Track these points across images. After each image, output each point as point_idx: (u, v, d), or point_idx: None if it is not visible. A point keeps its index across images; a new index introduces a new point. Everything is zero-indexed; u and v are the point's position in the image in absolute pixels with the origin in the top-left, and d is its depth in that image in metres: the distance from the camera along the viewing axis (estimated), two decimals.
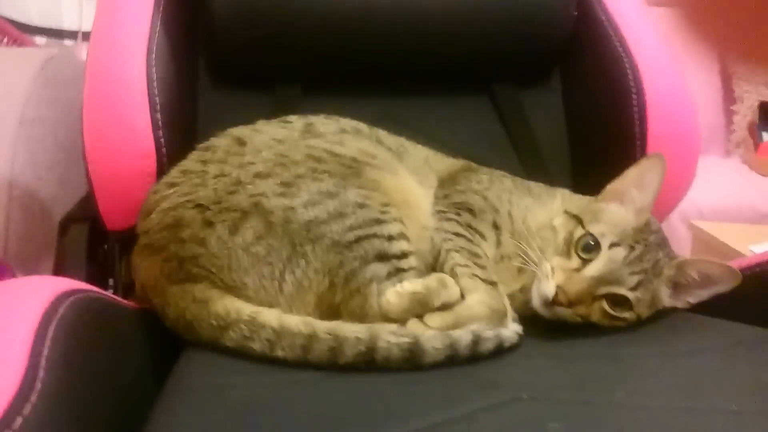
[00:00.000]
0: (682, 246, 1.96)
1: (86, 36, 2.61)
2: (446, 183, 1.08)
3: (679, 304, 0.97)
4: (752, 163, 2.33)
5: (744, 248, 1.68)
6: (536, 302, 0.93)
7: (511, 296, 0.97)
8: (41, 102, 1.32)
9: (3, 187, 1.24)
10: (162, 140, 1.04)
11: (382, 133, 1.12)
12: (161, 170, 1.03)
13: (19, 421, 0.50)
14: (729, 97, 2.55)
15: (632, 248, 0.91)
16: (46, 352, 0.57)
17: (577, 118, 1.36)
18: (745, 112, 2.46)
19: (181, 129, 1.15)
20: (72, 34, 2.65)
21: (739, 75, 2.50)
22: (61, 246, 1.22)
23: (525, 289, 0.98)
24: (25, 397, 0.52)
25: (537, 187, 1.11)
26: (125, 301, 0.89)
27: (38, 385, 0.54)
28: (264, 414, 0.66)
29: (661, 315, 0.96)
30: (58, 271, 1.22)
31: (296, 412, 0.66)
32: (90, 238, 1.24)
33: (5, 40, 2.10)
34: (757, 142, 2.33)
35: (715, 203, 2.04)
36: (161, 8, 1.14)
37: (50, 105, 1.34)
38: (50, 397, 0.54)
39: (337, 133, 1.06)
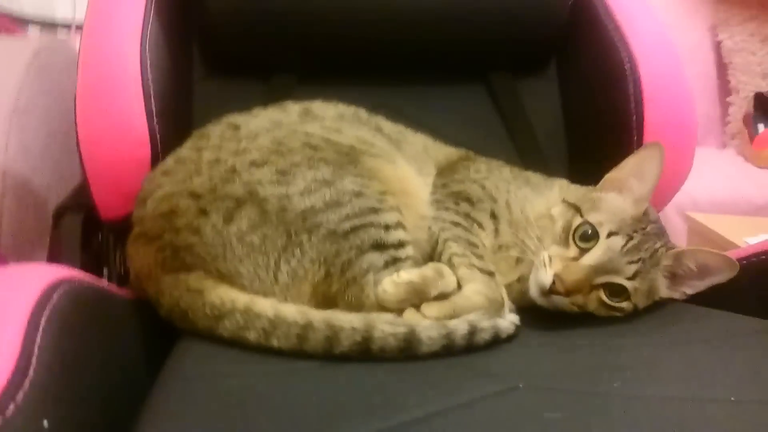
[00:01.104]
0: (677, 237, 1.96)
1: (79, 27, 2.60)
2: (444, 172, 1.07)
3: (676, 295, 0.96)
4: (748, 154, 2.32)
5: (739, 240, 1.67)
6: (533, 291, 0.92)
7: (508, 286, 0.96)
8: (34, 91, 1.31)
9: None
10: (156, 128, 1.03)
11: (382, 120, 1.12)
12: (156, 158, 1.02)
13: (11, 408, 0.49)
14: (724, 88, 2.55)
15: (630, 237, 0.91)
16: (38, 340, 0.56)
17: (573, 106, 1.35)
18: (741, 104, 2.46)
19: (176, 117, 1.14)
20: (65, 26, 2.63)
21: (734, 65, 2.49)
22: (55, 236, 1.21)
23: (523, 279, 0.97)
24: (18, 384, 0.51)
25: (535, 176, 1.11)
26: (119, 290, 0.88)
27: (31, 374, 0.53)
28: (260, 404, 0.65)
29: (657, 306, 0.95)
30: (52, 260, 1.21)
31: (293, 402, 0.66)
32: (84, 228, 1.23)
33: None
34: (752, 133, 2.32)
35: (711, 195, 2.04)
36: None
37: (43, 94, 1.33)
38: (43, 385, 0.54)
39: (335, 119, 1.05)
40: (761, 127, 2.31)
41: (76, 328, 0.65)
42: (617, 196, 0.97)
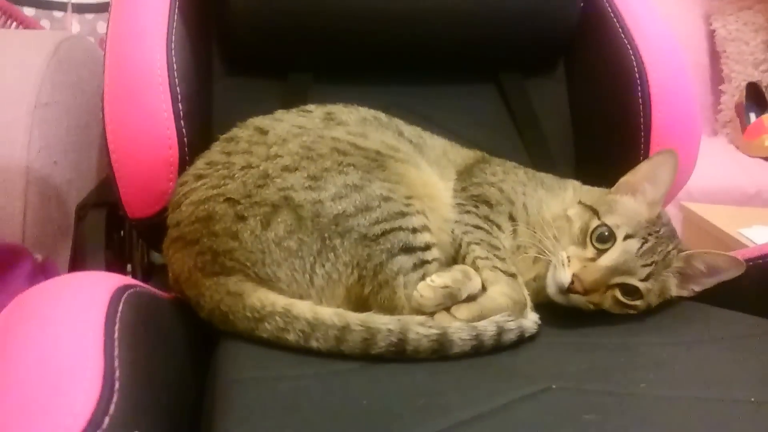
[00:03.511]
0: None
1: (75, 7, 2.59)
2: (463, 175, 1.11)
3: (685, 293, 1.02)
4: (740, 144, 2.38)
5: (733, 231, 1.73)
6: (552, 290, 0.97)
7: (525, 284, 1.01)
8: (55, 86, 1.32)
9: (20, 171, 1.25)
10: (184, 130, 1.05)
11: (401, 123, 1.15)
12: (183, 160, 1.05)
13: (106, 420, 0.53)
14: (717, 77, 2.60)
15: (645, 240, 0.96)
16: (117, 352, 0.60)
17: (581, 108, 1.39)
18: (733, 92, 2.51)
19: (200, 118, 1.17)
20: (61, 5, 2.62)
21: (728, 54, 2.54)
22: (78, 232, 1.24)
23: (538, 278, 1.02)
24: (108, 398, 0.55)
25: (548, 178, 1.15)
26: (161, 292, 0.91)
27: (117, 385, 0.57)
28: (316, 408, 0.69)
29: (669, 303, 1.01)
30: (76, 256, 1.24)
31: (346, 405, 0.70)
32: (106, 224, 1.26)
33: None
34: (744, 123, 2.38)
35: (704, 184, 2.07)
36: None
37: (64, 89, 1.35)
38: (128, 396, 0.58)
39: (359, 123, 1.08)
40: (753, 116, 2.37)
41: (141, 334, 0.69)
42: (632, 199, 1.02)
